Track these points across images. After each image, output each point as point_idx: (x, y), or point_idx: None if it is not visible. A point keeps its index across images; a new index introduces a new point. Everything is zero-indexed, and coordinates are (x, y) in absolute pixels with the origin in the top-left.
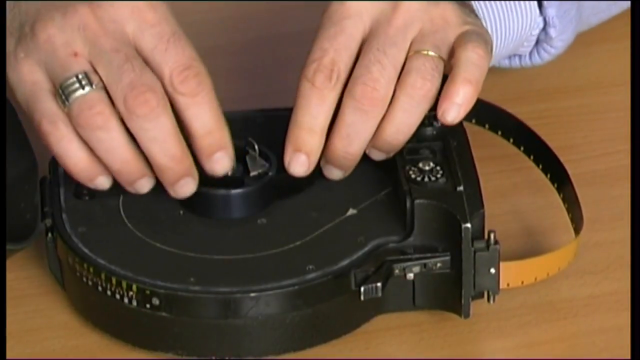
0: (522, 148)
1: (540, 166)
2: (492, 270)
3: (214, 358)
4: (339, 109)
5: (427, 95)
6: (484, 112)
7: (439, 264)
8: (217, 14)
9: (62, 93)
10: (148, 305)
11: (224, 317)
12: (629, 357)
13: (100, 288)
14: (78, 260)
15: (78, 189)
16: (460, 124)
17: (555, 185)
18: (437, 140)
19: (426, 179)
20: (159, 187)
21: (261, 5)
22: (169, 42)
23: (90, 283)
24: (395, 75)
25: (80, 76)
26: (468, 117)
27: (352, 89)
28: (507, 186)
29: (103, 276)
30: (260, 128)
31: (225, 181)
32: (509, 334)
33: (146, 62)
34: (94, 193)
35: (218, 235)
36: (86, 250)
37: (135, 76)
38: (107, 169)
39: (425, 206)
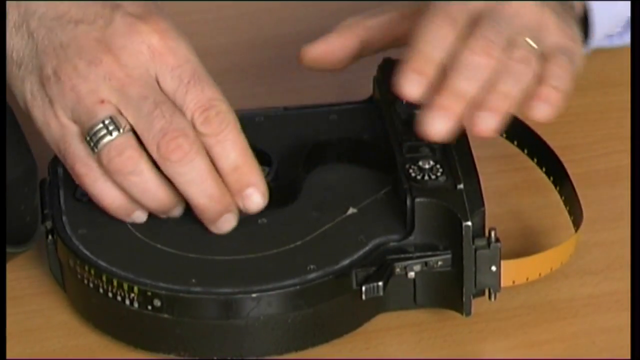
0: (516, 143)
1: (535, 159)
2: (493, 268)
3: (215, 359)
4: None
5: (526, 71)
6: None
7: (440, 262)
8: (217, 14)
9: (90, 140)
10: (150, 307)
11: (225, 318)
12: (629, 357)
13: (101, 290)
14: (79, 262)
15: (78, 191)
16: None
17: (552, 178)
18: None
19: (426, 177)
20: None
21: (261, 5)
22: (189, 84)
23: (91, 285)
24: (504, 44)
25: (107, 122)
26: None
27: (470, 39)
28: (507, 186)
29: (104, 278)
30: (261, 128)
31: None
32: (509, 334)
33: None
34: None
35: (219, 235)
36: (87, 253)
37: (166, 122)
38: (139, 206)
39: (425, 204)
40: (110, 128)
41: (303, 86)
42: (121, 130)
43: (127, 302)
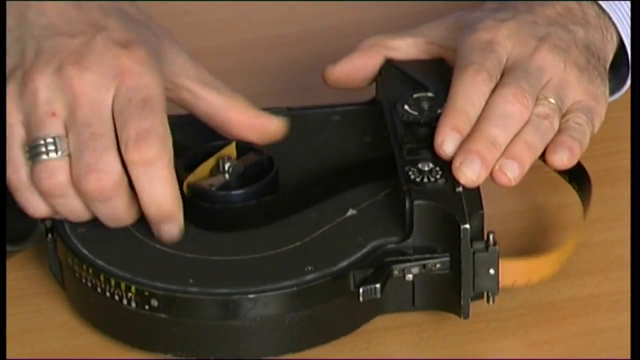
0: None
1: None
2: (492, 271)
3: (212, 359)
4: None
5: (549, 127)
6: None
7: (438, 265)
8: (217, 14)
9: (29, 151)
10: (147, 307)
11: (222, 318)
12: (629, 357)
13: (99, 289)
14: (77, 261)
15: None
16: None
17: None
18: None
19: (425, 180)
20: None
21: (261, 5)
22: (135, 107)
23: (89, 284)
24: (535, 97)
25: (48, 140)
26: None
27: (502, 88)
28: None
29: (102, 277)
30: None
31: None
32: (509, 334)
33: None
34: None
35: (216, 236)
36: (85, 252)
37: (94, 159)
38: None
39: (424, 207)
40: (50, 148)
41: (304, 86)
42: (59, 154)
43: (125, 301)
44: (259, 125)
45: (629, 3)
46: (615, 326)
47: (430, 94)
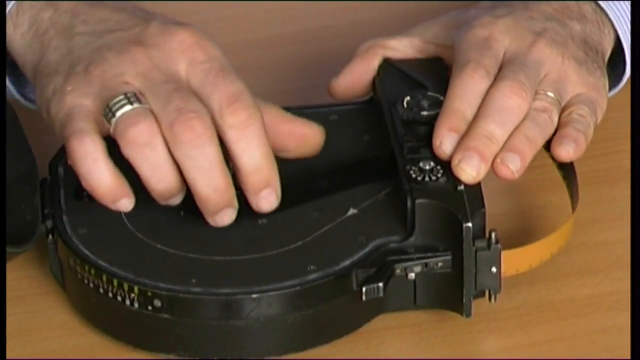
0: None
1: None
2: (494, 269)
3: (215, 359)
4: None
5: (548, 121)
6: None
7: (440, 264)
8: (217, 14)
9: (109, 111)
10: (150, 307)
11: (225, 319)
12: (629, 357)
13: (101, 290)
14: (79, 262)
15: (78, 190)
16: None
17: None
18: None
19: (427, 179)
20: None
21: (261, 5)
22: (217, 76)
23: (91, 285)
24: (534, 90)
25: (128, 94)
26: None
27: (500, 82)
28: (507, 186)
29: (104, 278)
30: None
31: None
32: (509, 334)
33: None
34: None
35: (219, 236)
36: (87, 253)
37: (183, 102)
38: (130, 191)
39: (426, 206)
40: (132, 99)
41: (303, 86)
42: (142, 103)
43: (127, 302)
44: (299, 133)
45: (627, 3)
46: (615, 326)
47: (429, 93)
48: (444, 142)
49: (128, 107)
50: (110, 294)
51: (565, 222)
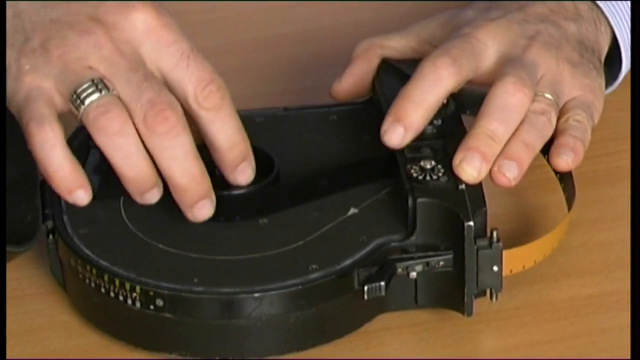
0: None
1: None
2: (495, 268)
3: (217, 358)
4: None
5: (546, 124)
6: None
7: (441, 263)
8: (217, 14)
9: (77, 98)
10: (152, 307)
11: (227, 318)
12: (629, 357)
13: (103, 290)
14: (81, 262)
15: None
16: (460, 121)
17: (547, 157)
18: (437, 138)
19: (428, 178)
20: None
21: (261, 5)
22: (189, 58)
23: (93, 285)
24: (534, 88)
25: (95, 81)
26: (471, 110)
27: (501, 79)
28: None
29: (106, 278)
30: (260, 128)
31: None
32: (509, 334)
33: (165, 81)
34: (95, 194)
35: (220, 235)
36: (89, 252)
37: (155, 94)
38: (88, 184)
39: (427, 205)
40: (100, 86)
41: (303, 86)
42: (110, 91)
43: (129, 301)
44: None
45: (626, 2)
46: (615, 326)
47: None
48: (388, 133)
49: (96, 95)
50: (111, 294)
51: (560, 222)
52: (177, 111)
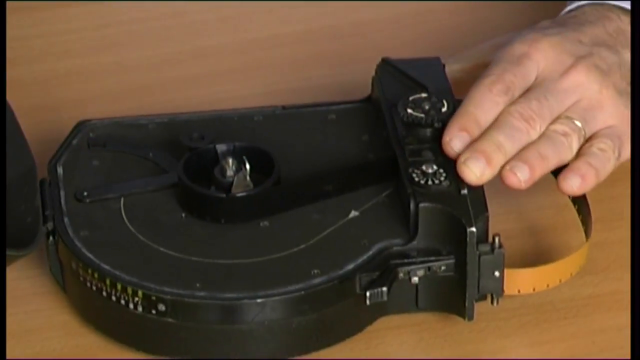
0: None
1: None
2: (497, 274)
3: None
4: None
5: (565, 145)
6: None
7: (443, 267)
8: (217, 14)
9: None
10: (154, 311)
11: (229, 323)
12: (629, 357)
13: (104, 293)
14: (82, 265)
15: (79, 191)
16: None
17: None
18: (438, 141)
19: (430, 182)
20: (159, 189)
21: (261, 5)
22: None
23: (94, 288)
24: (548, 119)
25: None
26: None
27: (512, 105)
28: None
29: (108, 282)
30: (259, 127)
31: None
32: (509, 334)
33: None
34: (95, 195)
35: (221, 239)
36: (90, 256)
37: None
38: None
39: (429, 210)
40: None
41: (303, 86)
42: None
43: (131, 306)
44: None
45: None
46: (615, 326)
47: (430, 95)
48: (454, 140)
49: None
50: (113, 298)
51: (578, 248)
52: None
